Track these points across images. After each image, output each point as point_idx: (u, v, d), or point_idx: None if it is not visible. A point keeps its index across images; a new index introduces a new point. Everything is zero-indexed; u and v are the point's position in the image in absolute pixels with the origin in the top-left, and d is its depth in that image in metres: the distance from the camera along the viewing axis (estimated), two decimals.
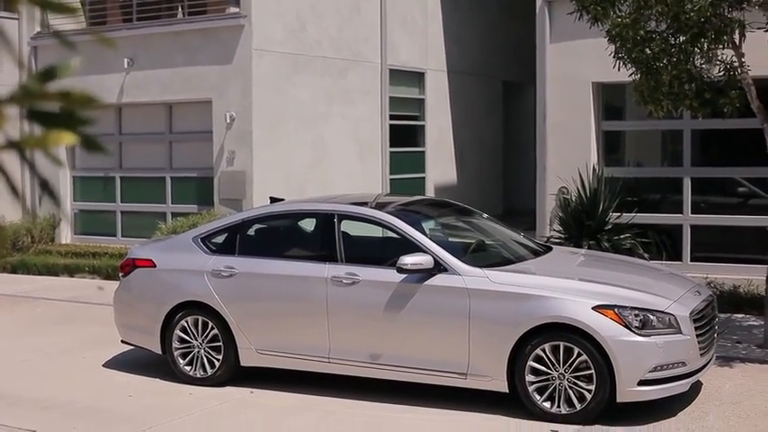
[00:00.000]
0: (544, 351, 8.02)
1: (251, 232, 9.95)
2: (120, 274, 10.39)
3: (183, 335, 9.62)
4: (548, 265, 9.23)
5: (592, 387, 7.85)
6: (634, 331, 7.84)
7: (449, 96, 21.36)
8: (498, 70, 22.90)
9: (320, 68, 18.00)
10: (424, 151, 20.80)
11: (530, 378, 8.05)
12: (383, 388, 8.87)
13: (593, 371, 7.84)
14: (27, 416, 8.61)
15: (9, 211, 18.56)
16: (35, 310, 14.11)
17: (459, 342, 8.30)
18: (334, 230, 9.22)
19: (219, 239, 9.87)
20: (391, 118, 19.70)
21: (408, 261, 8.43)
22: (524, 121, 22.96)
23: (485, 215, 10.66)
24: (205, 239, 9.86)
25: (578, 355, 7.90)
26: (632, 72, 10.45)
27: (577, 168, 14.52)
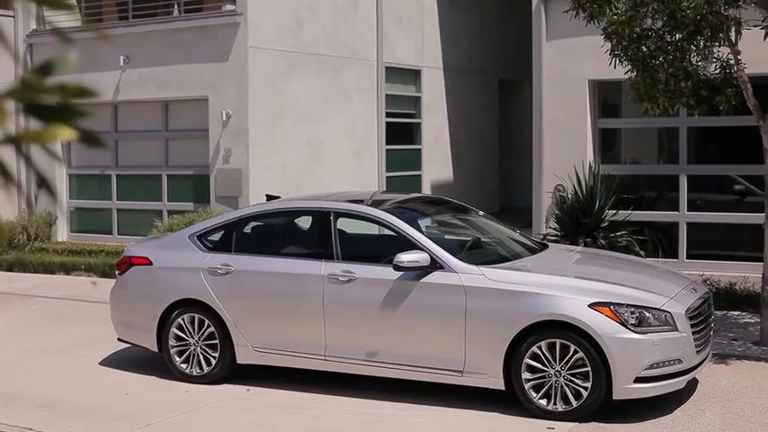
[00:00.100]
0: (540, 348, 8.02)
1: (247, 230, 9.94)
2: (117, 271, 10.38)
3: (179, 332, 9.61)
4: (544, 262, 9.23)
5: (588, 384, 7.86)
6: (630, 329, 7.84)
7: (445, 94, 21.36)
8: (494, 68, 22.89)
9: (316, 66, 17.98)
10: (420, 149, 20.79)
11: (526, 375, 8.05)
12: (380, 385, 8.87)
13: (589, 368, 7.84)
14: (23, 414, 8.61)
15: (5, 209, 18.54)
16: (31, 307, 14.10)
17: (455, 339, 8.30)
18: (331, 228, 9.22)
19: (216, 237, 9.86)
20: (387, 116, 19.70)
21: (405, 258, 8.43)
22: (520, 118, 22.97)
23: (481, 213, 10.66)
24: (201, 237, 9.86)
25: (574, 353, 7.91)
26: (628, 70, 10.46)
27: (573, 166, 14.53)
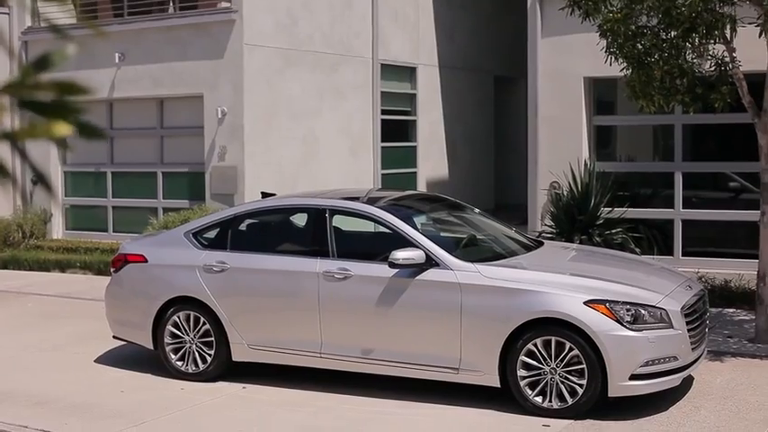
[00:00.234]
0: (536, 346, 8.02)
1: (243, 227, 9.94)
2: (112, 269, 10.37)
3: (174, 330, 9.60)
4: (539, 259, 9.23)
5: (583, 382, 7.87)
6: (625, 326, 7.85)
7: (440, 91, 21.35)
8: (490, 65, 22.89)
9: (312, 63, 17.97)
10: (415, 146, 20.79)
11: (521, 373, 8.05)
12: (379, 383, 8.87)
13: (584, 365, 7.85)
14: (18, 412, 8.59)
15: (0, 206, 18.51)
16: (26, 305, 14.08)
17: (450, 337, 8.30)
18: (326, 225, 9.22)
19: (211, 234, 9.85)
20: (383, 113, 19.69)
21: (400, 256, 8.43)
22: (516, 115, 22.96)
23: (476, 210, 10.66)
24: (197, 234, 9.85)
25: (570, 350, 7.91)
26: (624, 67, 10.46)
27: (569, 163, 14.53)
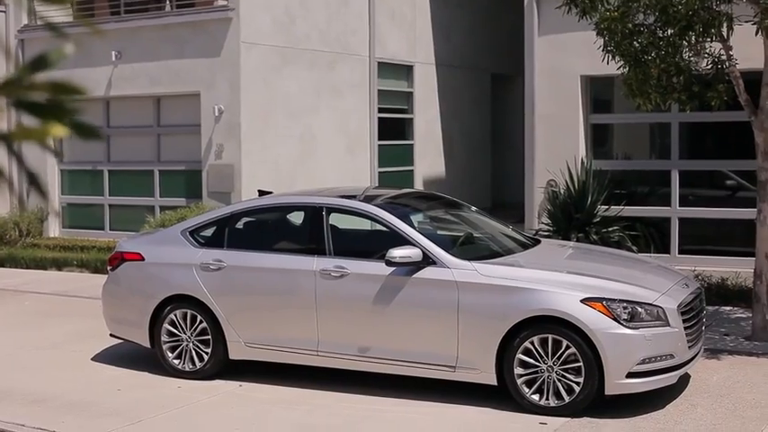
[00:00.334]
0: (533, 344, 8.02)
1: (239, 225, 9.93)
2: (109, 267, 10.36)
3: (171, 328, 9.60)
4: (536, 257, 9.23)
5: (580, 380, 7.87)
6: (622, 324, 7.85)
7: (437, 89, 21.35)
8: (487, 63, 22.89)
9: (309, 61, 17.97)
10: (412, 144, 20.79)
11: (518, 371, 8.05)
12: (372, 381, 8.88)
13: (581, 363, 7.85)
14: (15, 410, 8.59)
15: None
16: (23, 303, 14.07)
17: (447, 335, 8.31)
18: (323, 223, 9.21)
19: (208, 233, 9.85)
20: (380, 111, 19.69)
21: (397, 254, 8.43)
22: (513, 114, 22.96)
23: (473, 208, 10.67)
24: (193, 233, 9.84)
25: (567, 348, 7.91)
26: (621, 65, 10.46)
27: (566, 161, 14.53)
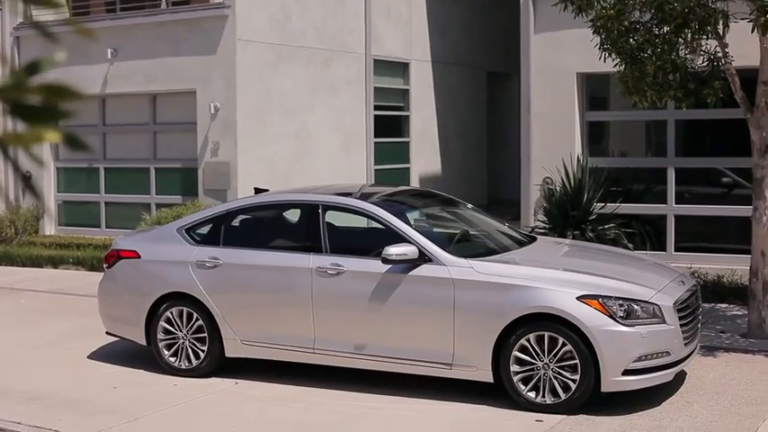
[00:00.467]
0: (529, 341, 8.03)
1: (235, 223, 9.93)
2: (105, 265, 10.36)
3: (167, 326, 9.59)
4: (532, 255, 9.23)
5: (576, 377, 7.88)
6: (618, 321, 7.86)
7: (433, 87, 21.35)
8: (483, 61, 22.89)
9: (304, 59, 17.96)
10: (408, 142, 20.79)
11: (514, 368, 8.06)
12: (368, 378, 8.88)
13: (577, 361, 7.86)
14: (12, 408, 8.58)
15: None
16: (19, 301, 14.06)
17: (444, 332, 8.31)
18: (319, 221, 9.21)
19: (204, 230, 9.84)
20: (376, 108, 19.69)
21: (393, 252, 8.43)
22: (509, 111, 22.98)
23: (469, 205, 10.67)
24: (189, 230, 9.84)
25: (563, 345, 7.92)
26: (617, 63, 10.47)
27: (562, 159, 14.54)
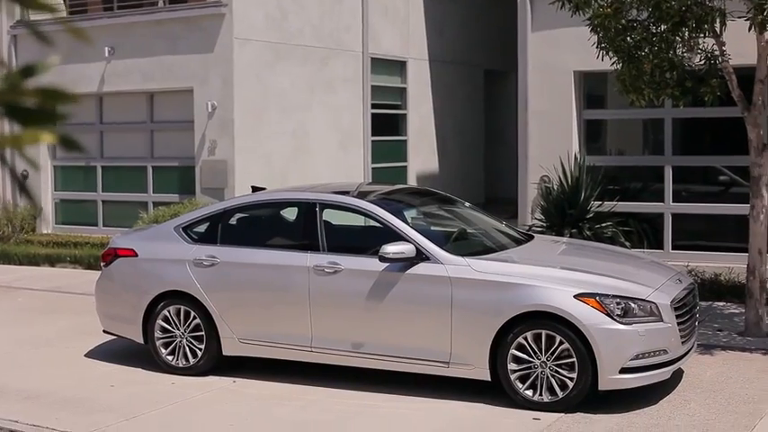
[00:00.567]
0: (526, 339, 8.03)
1: (233, 221, 9.93)
2: (102, 263, 10.35)
3: (165, 324, 9.59)
4: (529, 253, 9.23)
5: (574, 375, 7.88)
6: (616, 319, 7.86)
7: (430, 85, 21.35)
8: (480, 59, 22.89)
9: (302, 57, 17.95)
10: (405, 140, 20.79)
11: (512, 366, 8.06)
12: (364, 377, 8.88)
13: (574, 359, 7.86)
14: (9, 406, 8.57)
15: None
16: (16, 300, 14.04)
17: (441, 331, 8.31)
18: (316, 219, 9.21)
19: (201, 229, 9.84)
20: (373, 107, 19.68)
21: (390, 250, 8.43)
22: (506, 109, 22.97)
23: (467, 204, 10.67)
24: (187, 229, 9.83)
25: (560, 344, 7.92)
26: (614, 61, 10.47)
27: (559, 157, 14.54)
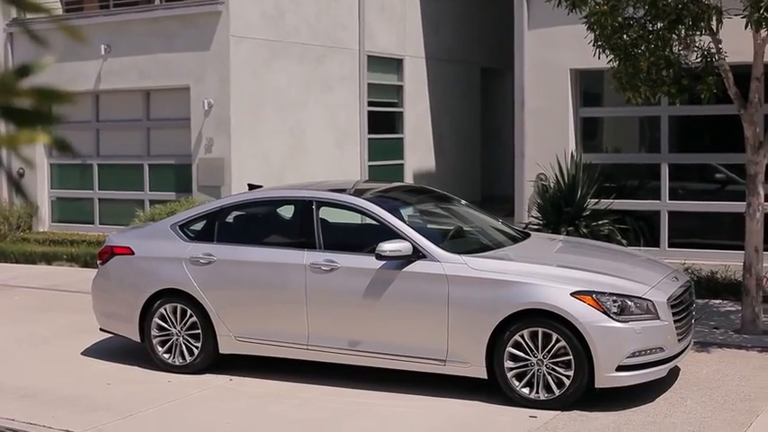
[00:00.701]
0: (523, 337, 8.04)
1: (229, 219, 9.92)
2: (99, 261, 10.35)
3: (161, 322, 9.59)
4: (526, 251, 9.24)
5: (570, 373, 7.88)
6: (612, 317, 7.87)
7: (427, 83, 21.34)
8: (476, 57, 22.88)
9: (298, 55, 17.94)
10: (402, 138, 20.78)
11: (508, 364, 8.07)
12: (361, 375, 8.88)
13: (571, 357, 7.87)
14: (6, 405, 8.57)
15: None
16: (12, 298, 14.03)
17: (437, 328, 8.31)
18: (313, 217, 9.21)
19: (198, 227, 9.84)
20: (369, 105, 19.67)
21: (387, 248, 8.43)
22: (502, 107, 22.96)
23: (463, 202, 10.67)
24: (183, 227, 9.83)
25: (557, 341, 7.92)
26: (610, 59, 10.47)
27: (555, 155, 14.54)
